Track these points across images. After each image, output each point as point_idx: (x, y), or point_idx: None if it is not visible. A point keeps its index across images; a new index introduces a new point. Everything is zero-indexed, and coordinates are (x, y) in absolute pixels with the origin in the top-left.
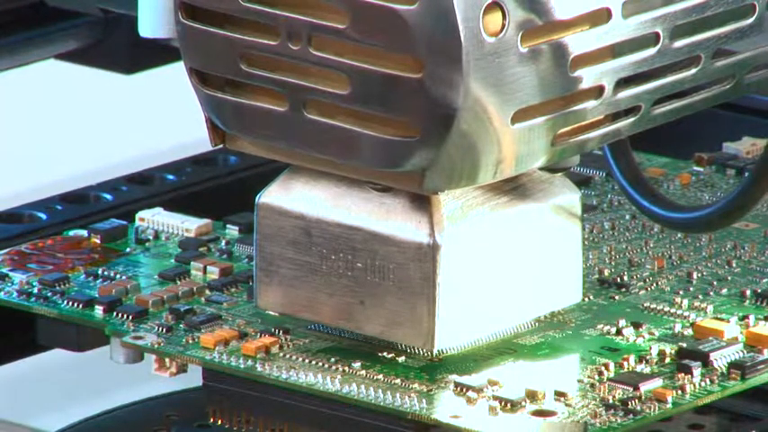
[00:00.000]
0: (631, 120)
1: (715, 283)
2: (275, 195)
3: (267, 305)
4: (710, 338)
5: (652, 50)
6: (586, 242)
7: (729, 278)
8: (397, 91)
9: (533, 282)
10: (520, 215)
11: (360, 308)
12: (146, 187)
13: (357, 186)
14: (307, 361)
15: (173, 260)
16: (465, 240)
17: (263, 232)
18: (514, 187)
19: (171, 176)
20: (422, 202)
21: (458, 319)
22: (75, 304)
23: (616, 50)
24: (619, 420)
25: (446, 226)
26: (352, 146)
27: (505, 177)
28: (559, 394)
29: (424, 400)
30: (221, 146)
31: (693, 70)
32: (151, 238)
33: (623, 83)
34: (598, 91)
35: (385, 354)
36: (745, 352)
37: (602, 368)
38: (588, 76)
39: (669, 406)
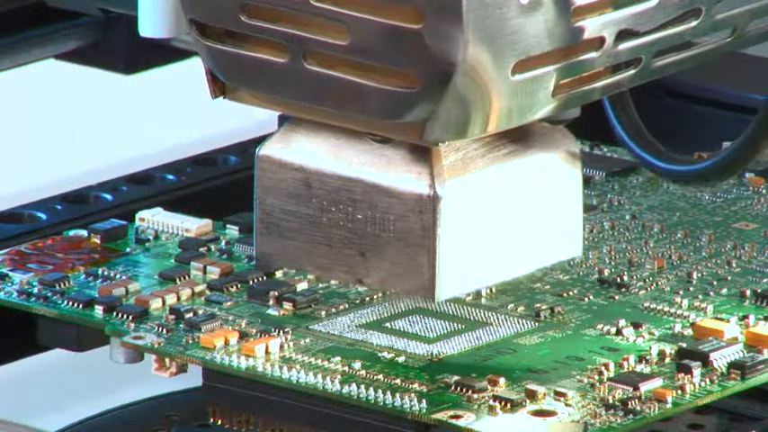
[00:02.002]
0: (632, 72)
1: (715, 283)
2: (275, 147)
3: (266, 257)
4: (710, 338)
5: (653, 2)
6: (586, 242)
7: (729, 278)
8: (397, 42)
9: (534, 233)
10: (520, 167)
11: (360, 260)
12: (146, 187)
13: (357, 138)
14: (307, 361)
15: (173, 260)
16: (465, 192)
17: (263, 185)
18: (515, 139)
19: (171, 176)
20: (422, 154)
21: (458, 270)
22: (75, 304)
23: (617, 2)
24: (619, 420)
25: (446, 177)
26: (352, 97)
27: (506, 128)
28: (559, 394)
29: (424, 400)
30: (221, 98)
31: (694, 23)
32: (151, 238)
33: (624, 35)
34: (599, 42)
35: (385, 354)
36: (745, 352)
37: (602, 368)
38: (589, 28)
39: (669, 406)
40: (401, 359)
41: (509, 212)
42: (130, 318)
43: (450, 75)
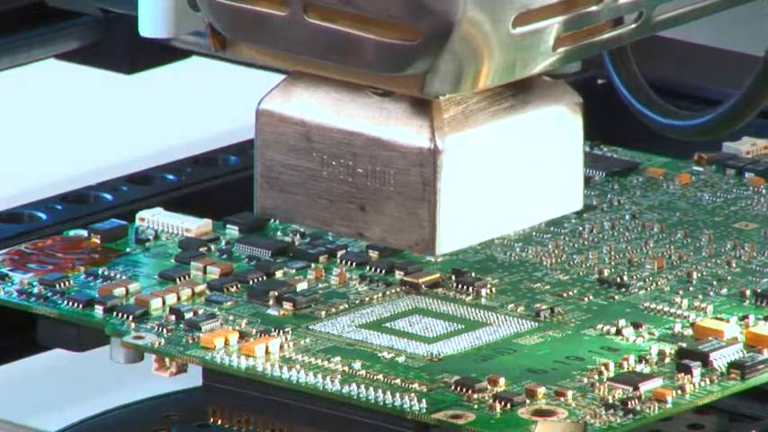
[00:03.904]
0: (633, 26)
1: (715, 283)
2: (276, 102)
3: (267, 212)
4: (710, 338)
5: None
6: (586, 242)
7: (729, 278)
8: None
9: (534, 187)
10: (521, 121)
11: (360, 213)
12: (146, 187)
13: (358, 91)
14: (307, 361)
15: (173, 260)
16: (466, 145)
17: (263, 139)
18: (515, 93)
19: (171, 176)
20: (423, 107)
21: (458, 223)
22: (75, 304)
23: None
24: (619, 420)
25: (447, 131)
26: (352, 50)
27: (506, 82)
28: (559, 394)
29: (424, 400)
30: (221, 52)
31: None
32: (151, 238)
33: None
34: None
35: (385, 354)
36: (744, 352)
37: (602, 368)
38: None
39: (669, 406)
40: (401, 359)
41: (509, 166)
42: (130, 318)
43: (450, 27)
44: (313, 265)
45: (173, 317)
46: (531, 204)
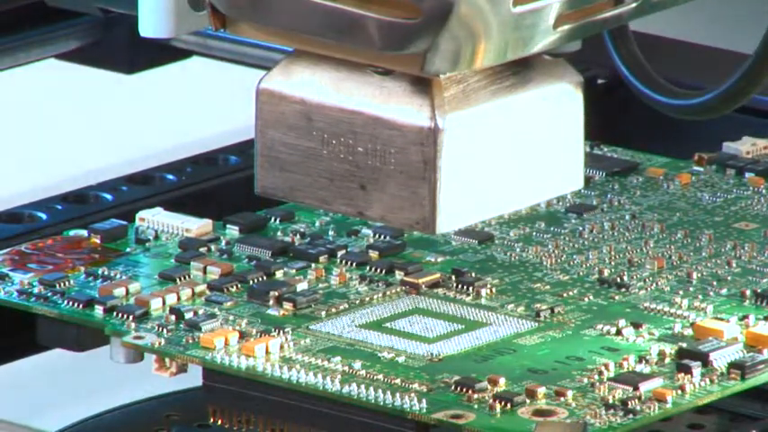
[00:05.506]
0: (633, 5)
1: (715, 283)
2: (276, 80)
3: (267, 191)
4: (710, 338)
5: None
6: (586, 242)
7: (729, 278)
8: None
9: (535, 166)
10: (521, 99)
11: (360, 192)
12: (146, 187)
13: (358, 70)
14: (307, 361)
15: (173, 260)
16: (466, 124)
17: (263, 118)
18: (516, 71)
19: (171, 176)
20: (423, 86)
21: (459, 202)
22: (75, 304)
23: None
24: (619, 420)
25: (447, 109)
26: (353, 28)
27: (507, 60)
28: (559, 394)
29: (424, 400)
30: (222, 30)
31: None
32: (151, 238)
33: None
34: None
35: (385, 354)
36: (744, 352)
37: (602, 368)
38: None
39: (669, 406)
40: (401, 359)
41: (510, 145)
42: (130, 318)
43: (450, 6)
44: (313, 265)
45: (173, 317)
46: (532, 183)
